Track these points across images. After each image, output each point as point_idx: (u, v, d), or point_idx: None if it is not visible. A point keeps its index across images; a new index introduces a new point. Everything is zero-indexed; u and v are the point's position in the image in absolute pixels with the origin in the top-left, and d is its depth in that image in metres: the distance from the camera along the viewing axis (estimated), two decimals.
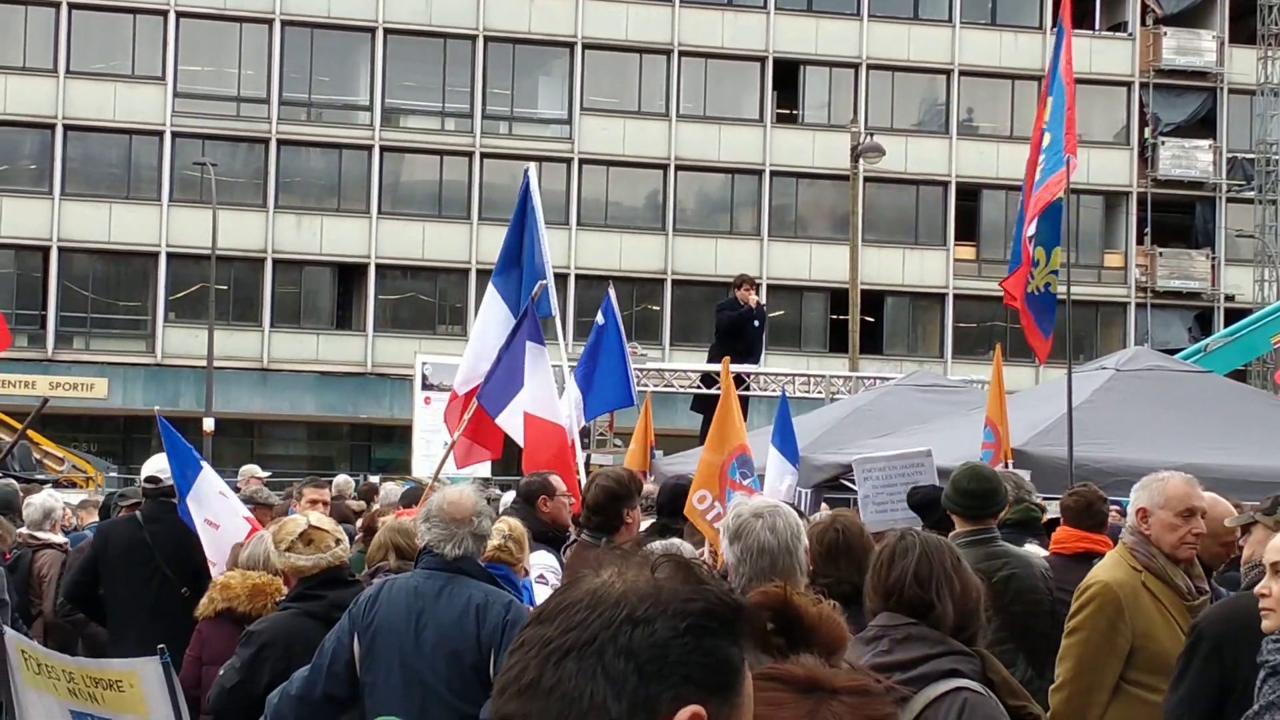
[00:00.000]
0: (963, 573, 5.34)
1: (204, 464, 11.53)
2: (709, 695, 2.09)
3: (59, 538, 13.83)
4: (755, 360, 24.96)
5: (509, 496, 13.15)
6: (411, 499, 13.84)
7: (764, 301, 30.20)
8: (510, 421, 13.19)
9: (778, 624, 2.57)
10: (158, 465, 12.01)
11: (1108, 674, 7.52)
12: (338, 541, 8.20)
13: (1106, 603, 7.48)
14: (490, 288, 14.52)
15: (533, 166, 15.84)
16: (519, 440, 13.06)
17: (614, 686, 2.06)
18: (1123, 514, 12.45)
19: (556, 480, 10.85)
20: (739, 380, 24.42)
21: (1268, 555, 6.12)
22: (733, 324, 24.04)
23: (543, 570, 9.56)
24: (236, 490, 12.64)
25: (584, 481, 11.36)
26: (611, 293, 15.14)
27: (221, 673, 8.02)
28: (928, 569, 5.26)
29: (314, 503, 12.85)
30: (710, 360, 24.83)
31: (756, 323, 24.11)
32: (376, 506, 15.17)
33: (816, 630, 2.58)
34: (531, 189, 14.76)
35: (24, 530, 13.54)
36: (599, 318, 16.06)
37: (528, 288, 14.07)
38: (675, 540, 8.44)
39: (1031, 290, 13.02)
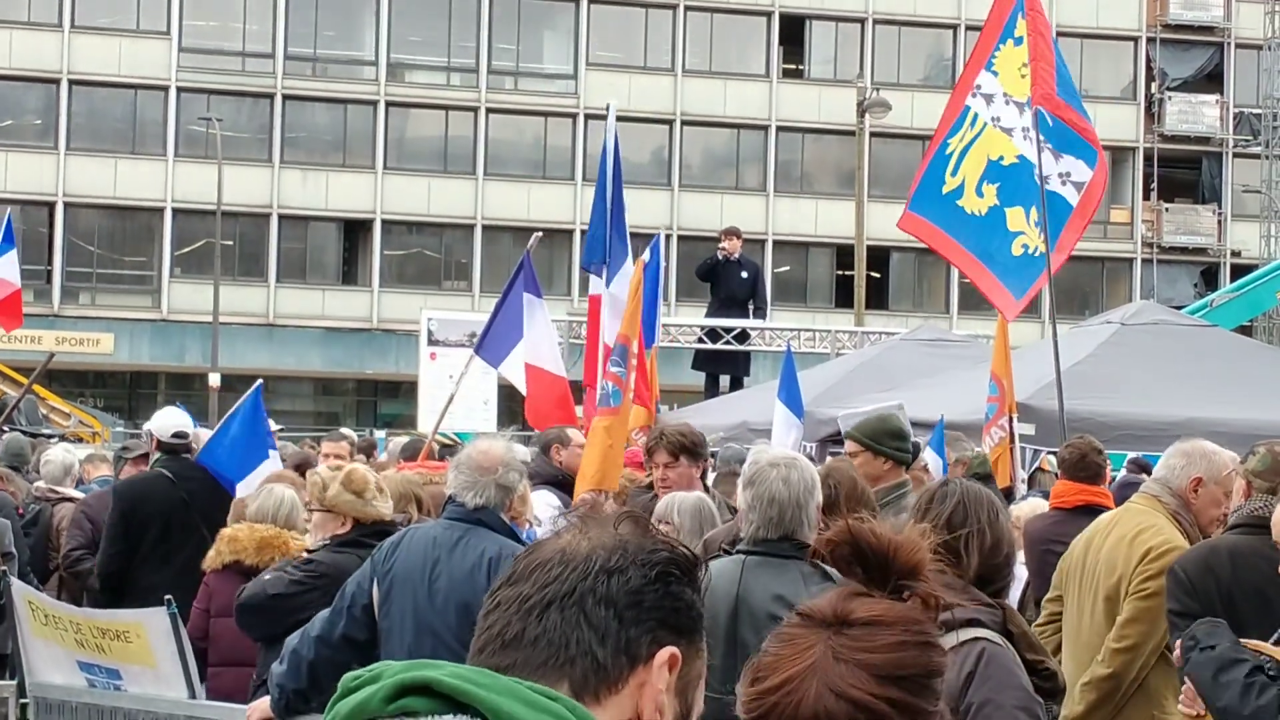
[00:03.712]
0: (997, 527, 5.35)
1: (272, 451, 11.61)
2: (679, 637, 2.25)
3: (76, 492, 13.82)
4: (760, 312, 24.75)
5: (522, 450, 13.27)
6: (412, 453, 13.89)
7: (767, 258, 30.24)
8: (511, 371, 13.27)
9: (853, 557, 2.63)
10: (180, 420, 11.84)
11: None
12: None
13: None
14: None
15: (620, 117, 15.96)
16: (522, 389, 13.17)
17: (597, 633, 2.19)
18: (1141, 469, 12.45)
19: (573, 432, 11.43)
20: (743, 335, 24.44)
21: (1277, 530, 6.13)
22: (705, 272, 24.03)
23: (550, 508, 10.00)
24: None
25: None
26: (662, 234, 15.20)
27: (268, 578, 8.07)
28: (962, 518, 5.28)
29: (331, 456, 12.76)
30: (708, 315, 24.79)
31: (745, 273, 23.85)
32: (378, 460, 15.20)
33: (891, 557, 2.62)
34: (608, 130, 14.99)
35: (42, 484, 13.53)
36: (645, 255, 16.27)
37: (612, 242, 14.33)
38: (698, 494, 8.53)
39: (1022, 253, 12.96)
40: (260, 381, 12.34)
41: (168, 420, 11.92)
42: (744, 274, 23.74)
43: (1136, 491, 8.12)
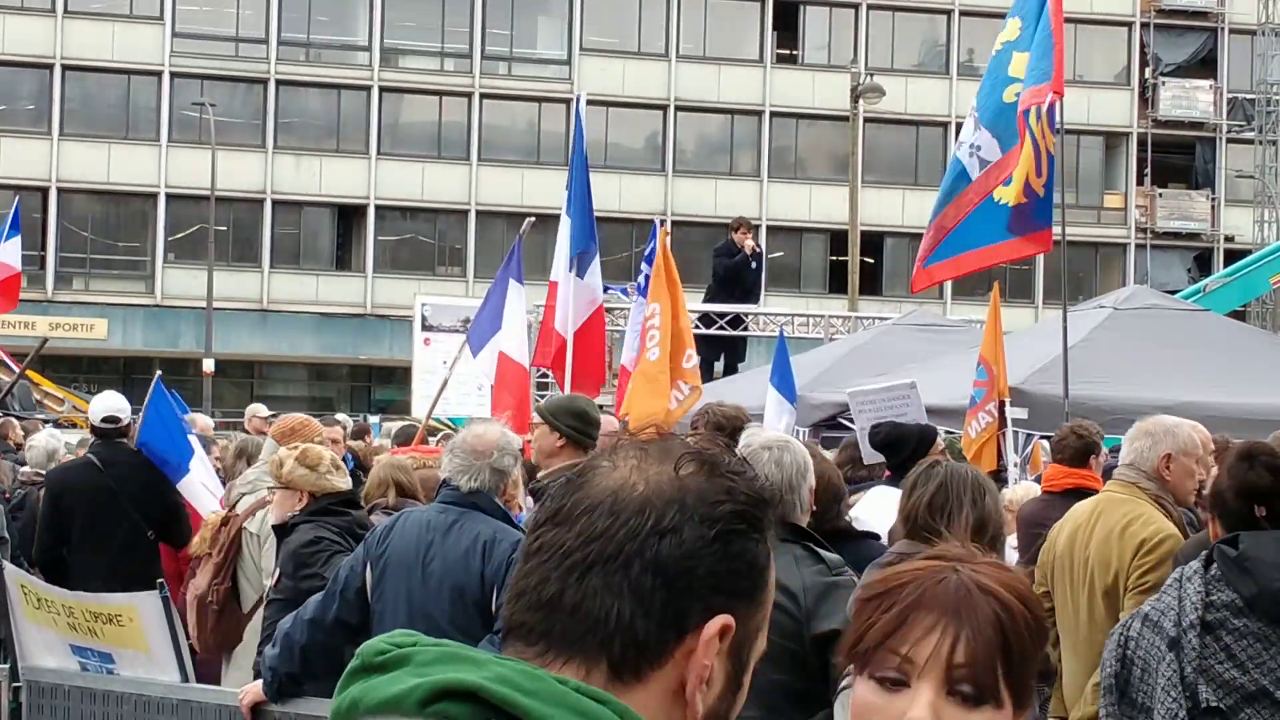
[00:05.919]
0: (981, 507, 5.35)
1: (195, 447, 11.45)
2: (737, 601, 2.04)
3: None
4: (755, 300, 25.27)
5: (515, 435, 13.27)
6: (405, 437, 13.89)
7: (761, 244, 30.55)
8: (484, 362, 13.25)
9: None
10: (114, 404, 11.56)
11: None
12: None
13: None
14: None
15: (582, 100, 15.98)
16: (491, 380, 13.12)
17: (641, 604, 1.98)
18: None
19: (605, 418, 10.48)
20: (736, 320, 24.54)
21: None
22: (731, 271, 24.28)
23: None
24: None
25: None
26: (659, 222, 15.22)
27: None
28: (943, 499, 5.29)
29: (327, 441, 12.78)
30: (706, 301, 24.94)
31: (755, 265, 24.45)
32: (371, 444, 15.22)
33: None
34: (580, 117, 15.00)
35: (28, 469, 13.54)
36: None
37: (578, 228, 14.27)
38: None
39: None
40: (159, 374, 12.25)
41: (100, 404, 11.66)
42: (753, 264, 24.36)
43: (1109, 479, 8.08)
